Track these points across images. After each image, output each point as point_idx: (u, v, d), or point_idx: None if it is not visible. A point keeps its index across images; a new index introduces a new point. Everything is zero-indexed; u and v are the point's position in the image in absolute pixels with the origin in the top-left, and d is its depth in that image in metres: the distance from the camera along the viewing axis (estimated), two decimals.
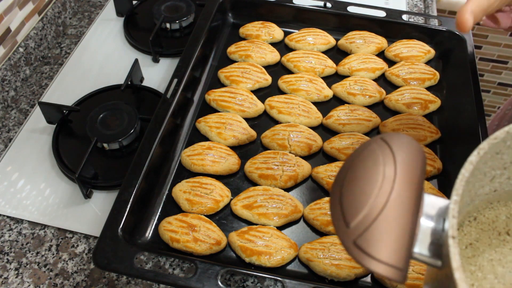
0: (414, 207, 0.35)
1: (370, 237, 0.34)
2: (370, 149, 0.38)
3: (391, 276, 0.34)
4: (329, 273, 0.62)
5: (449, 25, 0.92)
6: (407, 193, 0.35)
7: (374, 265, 0.34)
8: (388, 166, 0.36)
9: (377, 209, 0.35)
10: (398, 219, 0.34)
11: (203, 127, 0.78)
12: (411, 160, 0.37)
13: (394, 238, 0.34)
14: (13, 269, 0.67)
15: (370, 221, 0.34)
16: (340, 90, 0.85)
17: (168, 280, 0.57)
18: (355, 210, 0.35)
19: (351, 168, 0.39)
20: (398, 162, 0.36)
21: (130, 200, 0.63)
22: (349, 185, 0.37)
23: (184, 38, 0.99)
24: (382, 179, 0.36)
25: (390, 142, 0.38)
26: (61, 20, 1.02)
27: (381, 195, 0.35)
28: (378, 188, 0.35)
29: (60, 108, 0.81)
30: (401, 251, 0.34)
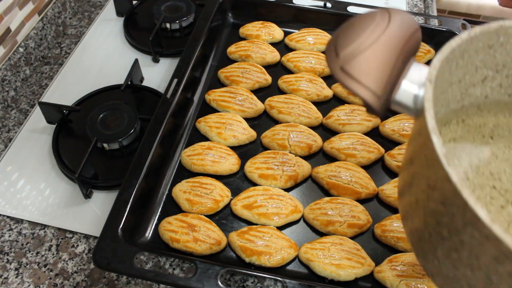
0: (400, 54, 0.40)
1: (356, 64, 0.40)
2: (371, 12, 0.44)
3: (368, 99, 0.40)
4: (329, 273, 0.62)
5: (449, 25, 0.92)
6: (396, 41, 0.41)
7: (356, 86, 0.40)
8: (382, 20, 0.41)
9: (365, 44, 0.40)
10: (383, 56, 0.40)
11: (203, 127, 0.78)
12: (405, 23, 0.42)
13: (377, 69, 0.40)
14: (13, 269, 0.67)
15: (358, 52, 0.40)
16: (340, 90, 0.85)
17: (168, 280, 0.57)
18: (346, 43, 0.41)
19: (350, 22, 0.43)
20: (392, 19, 0.41)
21: (130, 200, 0.63)
22: (345, 29, 0.43)
23: (184, 38, 0.99)
24: (374, 26, 0.41)
25: (389, 9, 0.44)
26: (61, 20, 1.02)
27: (371, 35, 0.40)
28: (370, 30, 0.41)
29: (60, 108, 0.81)
30: (382, 81, 0.40)
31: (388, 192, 0.71)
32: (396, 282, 0.61)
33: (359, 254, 0.64)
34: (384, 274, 0.62)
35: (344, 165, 0.73)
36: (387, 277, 0.62)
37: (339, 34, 0.43)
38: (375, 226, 0.68)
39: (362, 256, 0.64)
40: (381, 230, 0.67)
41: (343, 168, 0.72)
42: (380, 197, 0.72)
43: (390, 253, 0.66)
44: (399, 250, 0.66)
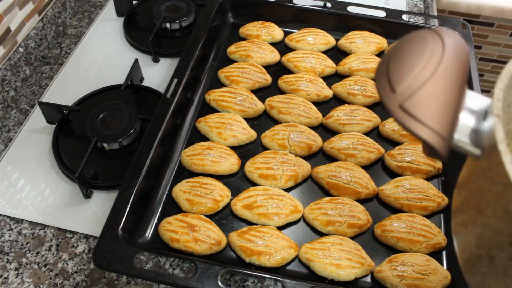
0: (461, 85, 0.36)
1: (416, 100, 0.34)
2: (419, 34, 0.39)
3: (433, 142, 0.34)
4: (329, 273, 0.62)
5: (449, 25, 0.92)
6: (455, 70, 0.36)
7: (418, 128, 0.34)
8: (436, 46, 0.37)
9: (424, 76, 0.35)
10: (445, 90, 0.35)
11: (203, 127, 0.78)
12: (458, 47, 0.38)
13: (441, 106, 0.34)
14: (13, 269, 0.67)
15: (417, 86, 0.35)
16: (340, 90, 0.85)
17: (168, 280, 0.57)
18: (402, 76, 0.36)
19: (399, 46, 0.39)
20: (446, 44, 0.37)
21: (130, 200, 0.63)
22: (397, 58, 0.38)
23: (184, 38, 0.99)
24: (430, 54, 0.36)
25: (438, 30, 0.39)
26: (61, 20, 1.02)
27: (428, 66, 0.35)
28: (426, 60, 0.36)
29: (60, 108, 0.81)
30: (446, 120, 0.35)
31: (388, 192, 0.71)
32: (396, 282, 0.61)
33: (359, 254, 0.64)
34: (384, 274, 0.62)
35: (344, 165, 0.73)
36: (387, 277, 0.62)
37: (390, 63, 0.38)
38: (375, 226, 0.68)
39: (362, 256, 0.64)
40: (381, 230, 0.67)
41: (343, 168, 0.72)
42: (380, 197, 0.72)
43: (390, 253, 0.66)
44: (399, 250, 0.66)
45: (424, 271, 0.62)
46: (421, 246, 0.65)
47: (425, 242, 0.65)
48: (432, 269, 0.62)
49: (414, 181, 0.71)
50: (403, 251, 0.66)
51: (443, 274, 0.62)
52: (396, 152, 0.75)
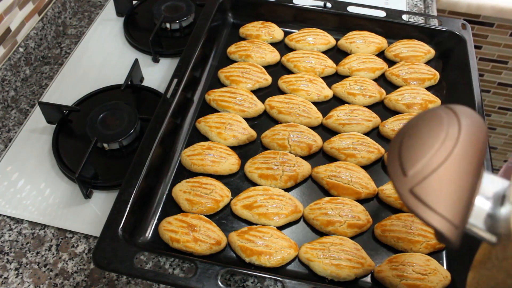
0: (475, 171, 0.35)
1: (428, 186, 0.33)
2: (435, 112, 0.38)
3: (445, 231, 0.33)
4: (329, 273, 0.62)
5: (449, 25, 0.92)
6: (470, 154, 0.34)
7: (429, 215, 0.33)
8: (452, 127, 0.35)
9: (438, 160, 0.34)
10: (459, 175, 0.33)
11: (203, 127, 0.78)
12: (475, 128, 0.36)
13: (453, 192, 0.33)
14: (13, 269, 0.67)
15: (429, 171, 0.33)
16: (340, 90, 0.85)
17: (168, 280, 0.57)
18: (415, 159, 0.34)
19: (413, 125, 0.38)
20: (462, 125, 0.35)
21: (130, 200, 0.63)
22: (410, 139, 0.36)
23: (184, 38, 0.99)
24: (445, 136, 0.35)
25: (455, 109, 0.37)
26: (61, 20, 1.02)
27: (442, 149, 0.34)
28: (440, 143, 0.34)
29: (60, 108, 0.81)
30: (459, 207, 0.33)
31: (388, 192, 0.71)
32: (396, 282, 0.61)
33: (359, 254, 0.64)
34: (384, 274, 0.62)
35: (344, 165, 0.73)
36: (387, 277, 0.62)
37: (402, 144, 0.36)
38: (375, 226, 0.68)
39: (362, 256, 0.64)
40: (381, 230, 0.67)
41: (343, 168, 0.72)
42: (380, 197, 0.72)
43: (390, 253, 0.66)
44: (399, 250, 0.66)
45: (424, 271, 0.62)
46: (421, 246, 0.65)
47: (425, 242, 0.65)
48: (432, 269, 0.62)
49: None
50: (403, 251, 0.66)
51: (443, 274, 0.62)
52: None
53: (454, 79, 0.87)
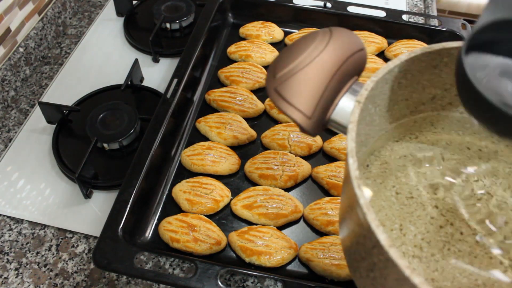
0: (334, 76, 0.41)
1: (288, 85, 0.41)
2: (315, 32, 0.44)
3: (299, 121, 0.41)
4: (329, 273, 0.62)
5: (449, 25, 0.92)
6: (330, 62, 0.41)
7: (287, 108, 0.41)
8: (321, 42, 0.42)
9: (300, 66, 0.41)
10: (315, 78, 0.40)
11: (203, 127, 0.78)
12: (345, 44, 0.42)
13: (307, 91, 0.40)
14: (13, 269, 0.67)
15: (291, 74, 0.41)
16: None
17: (168, 280, 0.57)
18: (283, 65, 0.42)
19: (294, 42, 0.44)
20: (331, 41, 0.42)
21: (130, 200, 0.63)
22: (286, 51, 0.44)
23: (184, 38, 0.99)
24: (313, 48, 0.42)
25: (332, 29, 0.44)
26: (61, 20, 1.02)
27: (307, 57, 0.41)
28: (308, 52, 0.41)
29: (60, 108, 0.81)
30: (312, 102, 0.41)
31: None
32: None
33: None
34: None
35: (344, 165, 0.73)
36: None
37: (281, 55, 0.43)
38: None
39: None
40: None
41: (343, 168, 0.72)
42: None
43: None
44: None
45: None
46: None
47: None
48: None
49: None
50: None
51: None
52: None
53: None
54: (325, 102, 0.41)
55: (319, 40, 0.42)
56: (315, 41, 0.42)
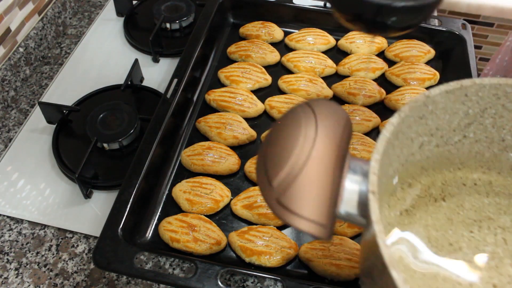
0: (335, 166, 0.36)
1: (292, 194, 0.34)
2: (295, 113, 0.39)
3: (314, 233, 0.34)
4: (329, 273, 0.62)
5: (449, 25, 0.92)
6: (328, 152, 0.36)
7: (297, 221, 0.34)
8: (309, 127, 0.37)
9: (298, 167, 0.35)
10: (319, 176, 0.35)
11: (203, 127, 0.78)
12: (333, 123, 0.38)
13: (315, 195, 0.35)
14: (13, 269, 0.67)
15: (291, 179, 0.35)
16: (340, 90, 0.85)
17: (168, 280, 0.57)
18: (277, 168, 0.36)
19: (275, 130, 0.39)
20: (319, 124, 0.37)
21: (130, 200, 0.63)
22: (272, 146, 0.38)
23: (184, 38, 0.99)
24: (303, 139, 0.36)
25: (313, 106, 0.39)
26: (61, 20, 1.02)
27: (302, 154, 0.35)
28: (300, 147, 0.36)
29: (60, 108, 0.81)
30: (323, 208, 0.35)
31: None
32: None
33: (359, 254, 0.64)
34: None
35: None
36: None
37: (267, 153, 0.38)
38: None
39: None
40: None
41: None
42: None
43: None
44: None
45: None
46: None
47: None
48: None
49: None
50: None
51: None
52: None
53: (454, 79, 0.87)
54: (333, 198, 0.36)
55: (305, 126, 0.37)
56: (301, 128, 0.37)
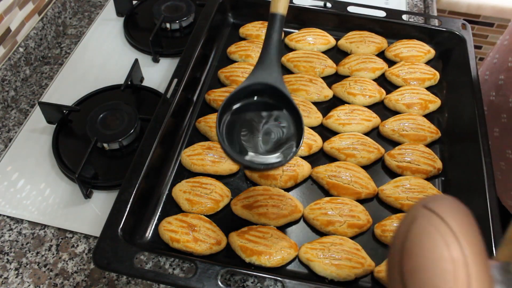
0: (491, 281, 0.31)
1: None
2: (421, 227, 0.32)
3: None
4: (329, 273, 0.62)
5: (449, 25, 0.92)
6: (486, 275, 0.30)
7: None
8: (452, 247, 0.30)
9: None
10: None
11: (203, 127, 0.78)
12: (471, 231, 0.32)
13: None
14: (13, 269, 0.67)
15: None
16: (340, 90, 0.85)
17: (168, 280, 0.57)
18: None
19: (406, 252, 0.32)
20: (460, 237, 0.30)
21: (130, 200, 0.63)
22: (415, 280, 0.30)
23: (184, 38, 0.99)
24: (452, 267, 0.29)
25: (438, 211, 0.32)
26: (61, 20, 1.02)
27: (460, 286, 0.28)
28: (453, 279, 0.28)
29: (60, 108, 0.81)
30: None
31: (388, 192, 0.71)
32: None
33: (359, 254, 0.64)
34: (384, 274, 0.62)
35: (344, 165, 0.73)
36: None
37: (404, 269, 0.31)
38: (375, 226, 0.68)
39: (362, 256, 0.64)
40: (381, 230, 0.67)
41: (343, 168, 0.72)
42: (380, 197, 0.72)
43: None
44: None
45: None
46: None
47: None
48: None
49: (414, 181, 0.71)
50: None
51: None
52: (396, 152, 0.75)
53: (454, 79, 0.87)
54: None
55: (446, 246, 0.30)
56: (439, 246, 0.30)
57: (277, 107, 0.61)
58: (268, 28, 0.63)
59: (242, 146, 0.59)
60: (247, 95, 0.61)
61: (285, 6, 0.63)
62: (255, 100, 0.61)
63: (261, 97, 0.61)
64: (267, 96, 0.61)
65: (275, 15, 0.63)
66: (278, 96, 0.60)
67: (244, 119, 0.61)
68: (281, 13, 0.63)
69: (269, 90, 0.60)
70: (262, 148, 0.60)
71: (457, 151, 0.77)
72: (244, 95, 0.61)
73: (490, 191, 0.66)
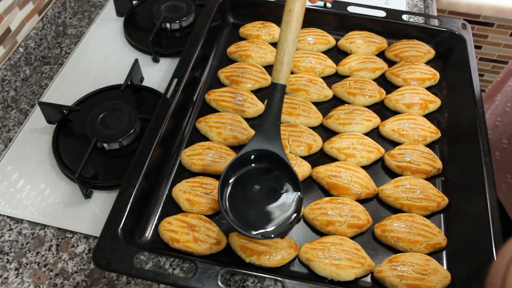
0: None
1: None
2: None
3: None
4: (329, 273, 0.62)
5: (449, 25, 0.92)
6: None
7: None
8: None
9: None
10: None
11: (203, 127, 0.78)
12: None
13: None
14: (13, 269, 0.67)
15: None
16: (340, 90, 0.85)
17: (168, 280, 0.57)
18: None
19: None
20: None
21: (130, 200, 0.63)
22: None
23: (184, 38, 0.99)
24: None
25: None
26: (61, 20, 1.02)
27: None
28: None
29: (60, 108, 0.81)
30: None
31: (388, 192, 0.71)
32: (396, 282, 0.61)
33: (359, 254, 0.64)
34: (384, 274, 0.62)
35: (344, 165, 0.73)
36: (387, 277, 0.62)
37: None
38: (375, 226, 0.68)
39: (362, 256, 0.64)
40: (381, 230, 0.67)
41: (343, 168, 0.72)
42: (380, 197, 0.72)
43: (390, 253, 0.66)
44: (399, 250, 0.66)
45: (424, 271, 0.62)
46: (421, 246, 0.65)
47: (425, 242, 0.65)
48: (432, 269, 0.62)
49: (414, 181, 0.71)
50: (403, 251, 0.66)
51: (443, 274, 0.62)
52: (396, 152, 0.75)
53: (454, 79, 0.87)
54: None
55: None
56: None
57: (277, 173, 0.65)
58: (269, 97, 0.65)
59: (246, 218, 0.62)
60: (248, 160, 0.65)
61: (286, 76, 0.65)
62: (254, 167, 0.65)
63: (260, 163, 0.65)
64: (266, 162, 0.65)
65: (276, 85, 0.65)
66: (278, 163, 0.64)
67: (246, 190, 0.64)
68: (282, 84, 0.65)
69: (269, 156, 0.64)
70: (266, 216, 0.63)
71: (457, 151, 0.77)
72: (246, 160, 0.64)
73: (490, 191, 0.66)
